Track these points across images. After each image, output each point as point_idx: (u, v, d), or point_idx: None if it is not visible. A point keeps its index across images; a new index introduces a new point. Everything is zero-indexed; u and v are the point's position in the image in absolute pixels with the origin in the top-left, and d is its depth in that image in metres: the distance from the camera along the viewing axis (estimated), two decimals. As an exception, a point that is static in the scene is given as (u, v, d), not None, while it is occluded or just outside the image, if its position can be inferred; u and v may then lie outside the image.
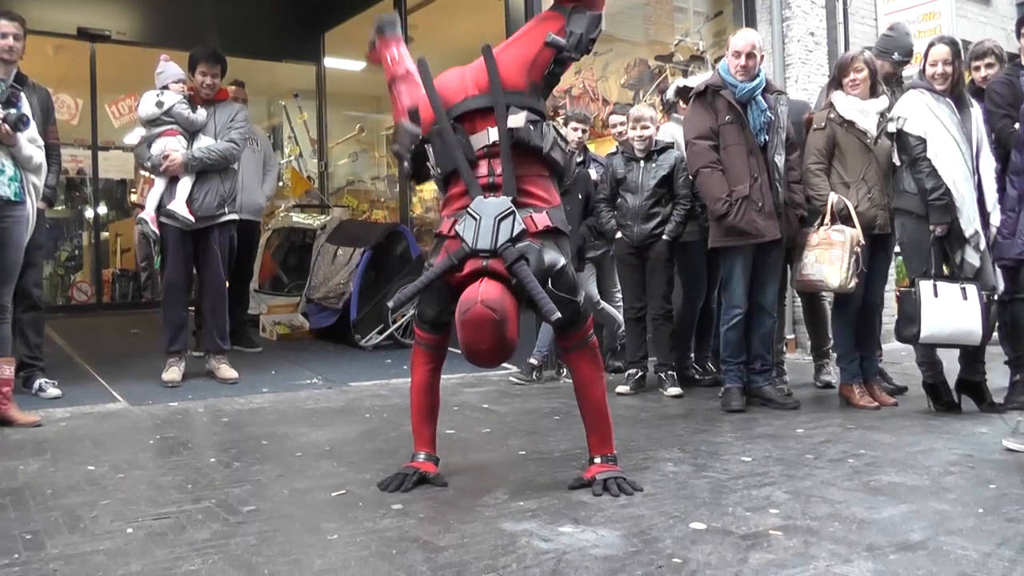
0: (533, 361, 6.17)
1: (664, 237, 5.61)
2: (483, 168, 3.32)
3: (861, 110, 5.09)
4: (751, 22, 8.18)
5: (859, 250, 4.93)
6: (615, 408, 4.73)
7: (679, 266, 5.83)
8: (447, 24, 9.37)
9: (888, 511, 3.05)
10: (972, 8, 10.96)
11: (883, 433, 4.40)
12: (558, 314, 3.03)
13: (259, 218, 7.53)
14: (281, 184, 11.52)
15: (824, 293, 5.63)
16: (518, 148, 3.31)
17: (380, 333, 7.42)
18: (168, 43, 8.71)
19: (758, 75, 5.11)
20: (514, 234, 3.14)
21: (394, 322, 7.42)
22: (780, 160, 5.14)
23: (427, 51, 9.30)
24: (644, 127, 5.68)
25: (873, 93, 5.16)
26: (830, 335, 5.75)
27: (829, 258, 4.98)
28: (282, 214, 9.72)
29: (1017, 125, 4.90)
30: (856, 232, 4.94)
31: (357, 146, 11.60)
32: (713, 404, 5.23)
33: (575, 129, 6.25)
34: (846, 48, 8.07)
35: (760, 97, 5.09)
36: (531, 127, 3.30)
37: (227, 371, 5.86)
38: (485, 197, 3.24)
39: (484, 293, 3.02)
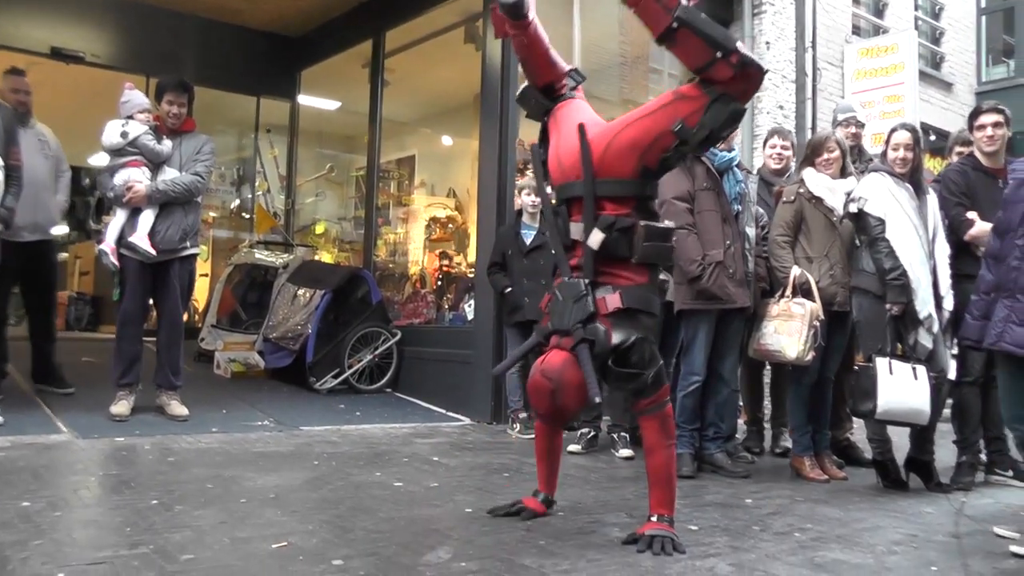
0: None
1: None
2: (577, 249, 3.56)
3: (830, 188, 5.19)
4: (723, 91, 8.34)
5: (818, 324, 4.99)
6: (565, 468, 4.75)
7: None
8: (425, 70, 9.46)
9: (830, 590, 3.05)
10: (935, 93, 11.30)
11: (831, 507, 4.42)
12: (598, 398, 3.35)
13: (52, 236, 6.38)
14: (248, 218, 11.50)
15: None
16: None
17: (335, 377, 7.38)
18: (143, 69, 8.74)
19: (734, 147, 5.25)
20: (584, 316, 3.40)
21: (350, 367, 7.38)
22: (751, 232, 5.26)
23: (405, 96, 9.43)
24: None
25: (842, 174, 5.27)
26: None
27: (788, 330, 5.03)
28: (245, 249, 9.68)
29: (970, 213, 5.03)
30: (816, 306, 5.00)
31: (326, 186, 11.56)
32: (664, 469, 5.23)
33: None
34: (814, 122, 8.26)
35: (736, 168, 5.20)
36: (619, 236, 3.45)
37: (178, 408, 5.78)
38: (571, 277, 3.51)
39: (546, 363, 3.40)
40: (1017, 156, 4.83)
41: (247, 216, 11.60)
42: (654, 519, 3.56)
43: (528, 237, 6.38)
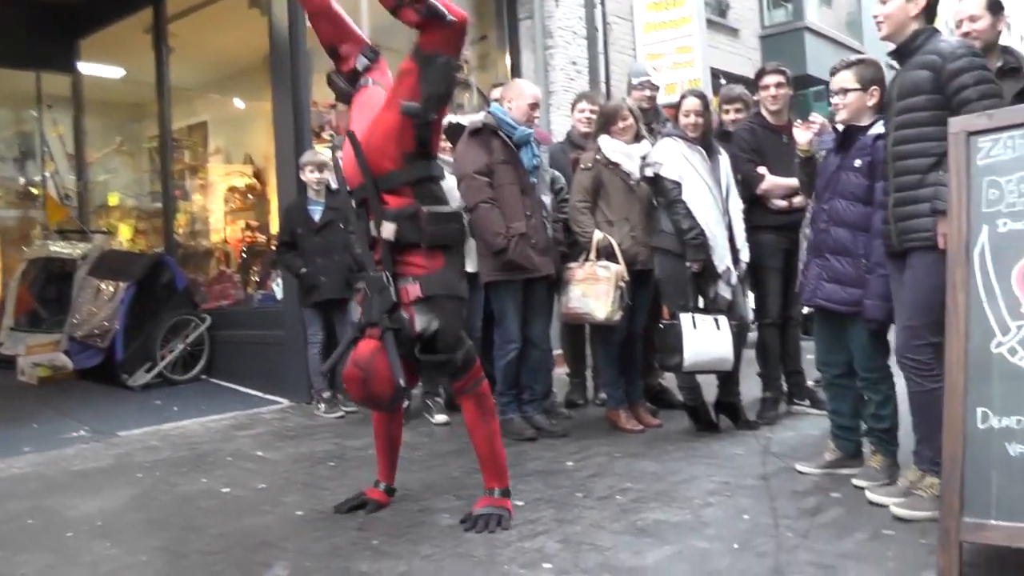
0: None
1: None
2: (378, 245, 3.65)
3: (626, 153, 5.36)
4: (515, 49, 8.40)
5: (624, 285, 5.20)
6: None
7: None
8: (208, 36, 9.07)
9: (653, 555, 3.25)
10: (722, 40, 11.78)
11: (648, 460, 4.66)
12: (402, 382, 3.44)
13: None
14: (38, 198, 10.75)
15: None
16: None
17: (148, 371, 7.17)
18: None
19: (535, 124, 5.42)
20: (388, 307, 3.53)
21: (162, 358, 7.16)
22: (547, 200, 5.39)
23: (191, 61, 8.98)
24: None
25: (637, 139, 5.46)
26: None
27: (595, 292, 5.21)
28: (38, 242, 9.09)
29: (761, 169, 5.35)
30: (620, 268, 5.20)
31: (117, 160, 10.94)
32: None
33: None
34: (607, 75, 8.46)
35: (532, 142, 5.34)
36: (408, 223, 3.57)
37: (-19, 430, 5.45)
38: (375, 271, 3.62)
39: (356, 353, 3.55)
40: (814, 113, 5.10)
41: (37, 195, 10.83)
42: (487, 494, 3.77)
43: (316, 214, 6.33)
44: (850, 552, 3.21)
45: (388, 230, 3.59)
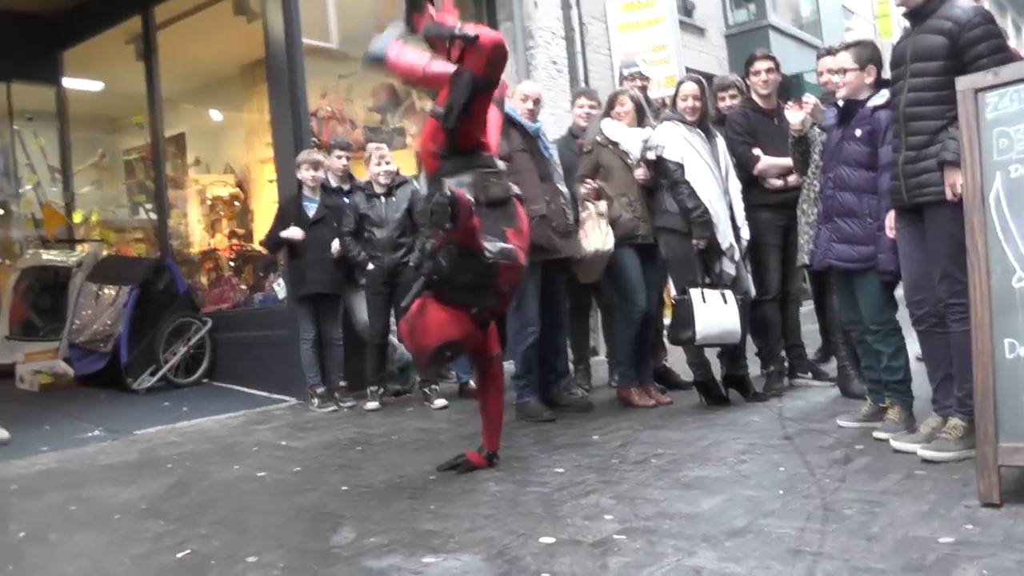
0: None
1: (410, 264, 5.80)
2: None
3: (625, 134, 5.56)
4: (496, 51, 8.55)
5: (604, 216, 5.47)
6: (407, 433, 5.06)
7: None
8: (188, 46, 9.08)
9: (706, 503, 3.37)
10: (690, 39, 12.04)
11: (671, 431, 4.79)
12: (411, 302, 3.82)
13: None
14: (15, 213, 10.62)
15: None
16: None
17: (153, 375, 7.18)
18: None
19: (538, 121, 5.62)
20: (425, 258, 3.85)
21: (166, 362, 7.16)
22: (563, 187, 5.57)
23: (174, 70, 9.02)
24: (388, 163, 6.27)
25: (640, 124, 5.65)
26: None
27: (583, 232, 5.49)
28: (30, 252, 9.03)
29: (755, 150, 5.56)
30: (599, 205, 5.49)
31: (97, 173, 10.87)
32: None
33: (339, 157, 6.70)
34: (586, 75, 8.67)
35: (542, 136, 5.54)
36: (435, 208, 3.73)
37: (-4, 431, 5.43)
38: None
39: (409, 312, 3.89)
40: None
41: (16, 211, 10.68)
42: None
43: (311, 210, 6.50)
44: (890, 490, 3.36)
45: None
